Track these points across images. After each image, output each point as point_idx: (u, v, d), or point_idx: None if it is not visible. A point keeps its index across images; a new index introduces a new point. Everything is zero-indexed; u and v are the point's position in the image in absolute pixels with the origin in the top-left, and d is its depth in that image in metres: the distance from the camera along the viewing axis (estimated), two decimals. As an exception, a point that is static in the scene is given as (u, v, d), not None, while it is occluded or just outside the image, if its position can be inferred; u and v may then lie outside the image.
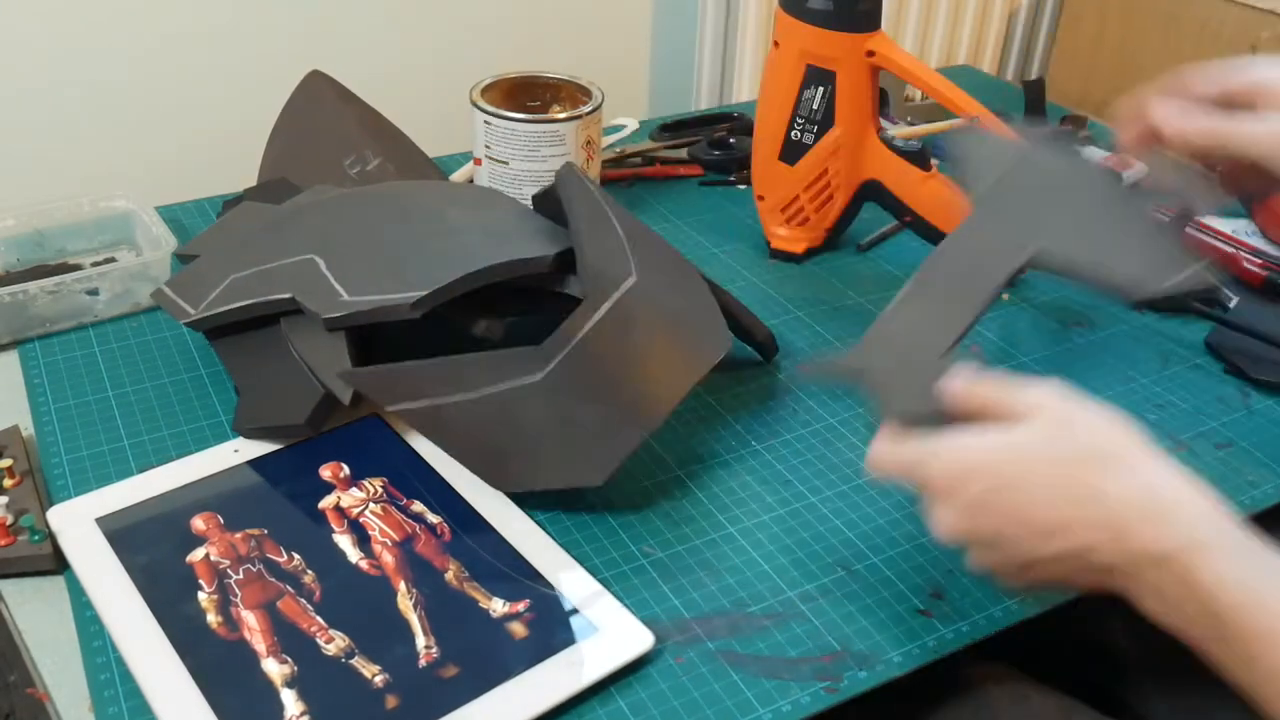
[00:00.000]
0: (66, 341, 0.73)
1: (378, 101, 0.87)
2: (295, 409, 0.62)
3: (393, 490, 0.61)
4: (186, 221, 0.87)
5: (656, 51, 1.41)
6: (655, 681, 0.52)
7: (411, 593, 0.54)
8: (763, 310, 0.80)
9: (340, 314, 0.62)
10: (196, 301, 0.67)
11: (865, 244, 0.89)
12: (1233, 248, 0.87)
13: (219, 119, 1.16)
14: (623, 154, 1.00)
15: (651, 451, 0.66)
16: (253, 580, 0.55)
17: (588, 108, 0.84)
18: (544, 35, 1.33)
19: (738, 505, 0.62)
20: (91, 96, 1.11)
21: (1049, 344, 0.78)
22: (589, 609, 0.54)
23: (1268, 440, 0.70)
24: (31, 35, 1.07)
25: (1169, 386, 0.74)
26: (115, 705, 0.49)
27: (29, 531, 0.57)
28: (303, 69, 0.87)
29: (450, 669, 0.51)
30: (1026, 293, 0.84)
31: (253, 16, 1.15)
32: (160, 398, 0.68)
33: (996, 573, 0.49)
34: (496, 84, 0.87)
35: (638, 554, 0.59)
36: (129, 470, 0.62)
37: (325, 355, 0.63)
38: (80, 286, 0.73)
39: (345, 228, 0.68)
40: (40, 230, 0.79)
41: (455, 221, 0.68)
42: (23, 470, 0.61)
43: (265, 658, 0.51)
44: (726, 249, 0.88)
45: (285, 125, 0.84)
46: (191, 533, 0.57)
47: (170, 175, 1.09)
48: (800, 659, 0.53)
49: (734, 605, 0.56)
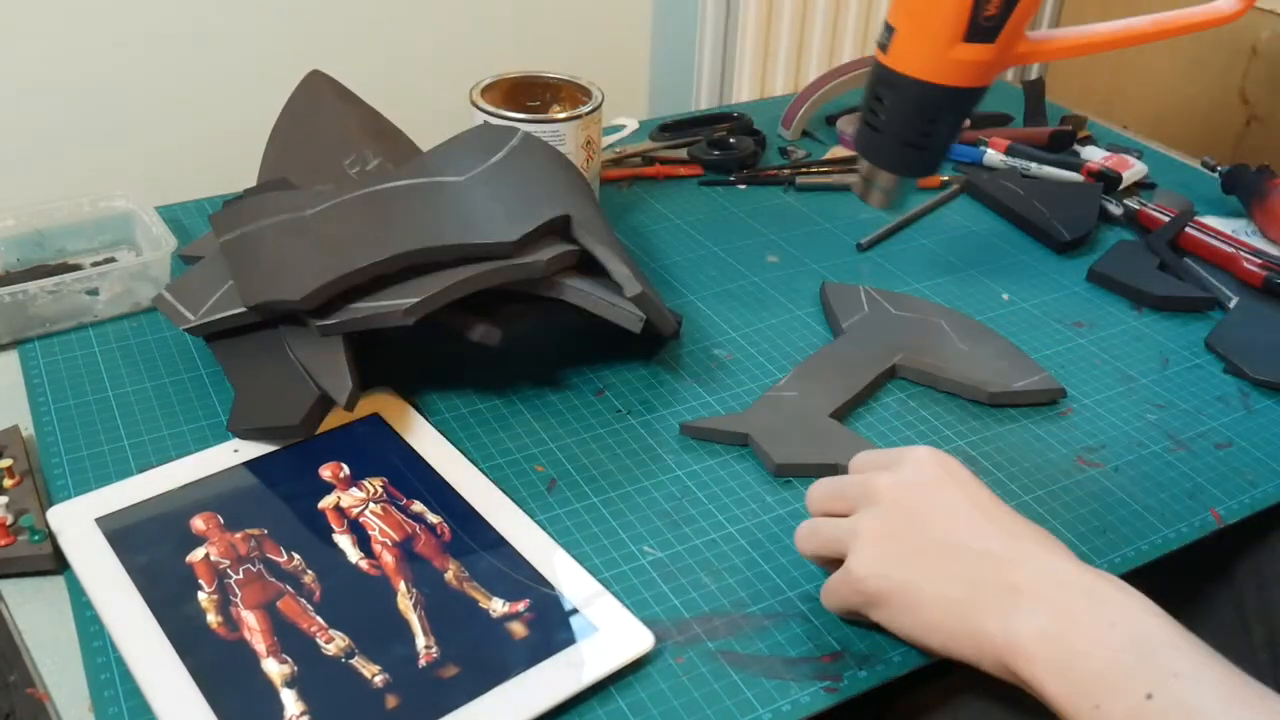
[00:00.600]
0: (66, 341, 0.73)
1: (378, 101, 0.87)
2: (290, 411, 0.62)
3: (393, 490, 0.61)
4: (186, 221, 0.87)
5: (656, 51, 1.41)
6: (655, 681, 0.52)
7: (411, 593, 0.54)
8: (763, 310, 0.80)
9: (334, 321, 0.62)
10: (196, 307, 0.67)
11: (865, 243, 0.89)
12: (1232, 248, 0.87)
13: (219, 119, 1.16)
14: (623, 154, 1.00)
15: (651, 450, 0.66)
16: (253, 580, 0.55)
17: (588, 108, 0.84)
18: (544, 35, 1.33)
19: (738, 505, 0.62)
20: (91, 96, 1.11)
21: (1049, 344, 0.78)
22: (589, 609, 0.54)
23: (1268, 440, 0.70)
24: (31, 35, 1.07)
25: (1169, 386, 0.74)
26: (115, 705, 0.49)
27: (29, 531, 0.57)
28: (303, 69, 0.87)
29: (450, 669, 0.51)
30: (1027, 293, 0.84)
31: (252, 16, 1.15)
32: (160, 398, 0.68)
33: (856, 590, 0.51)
34: (496, 84, 0.87)
35: (638, 554, 0.59)
36: (129, 470, 0.62)
37: (322, 358, 0.63)
38: (80, 286, 0.73)
39: (341, 226, 0.68)
40: (40, 230, 0.79)
41: (434, 200, 0.68)
42: (23, 470, 0.61)
43: (265, 658, 0.51)
44: (726, 249, 0.88)
45: (285, 125, 0.84)
46: (191, 533, 0.57)
47: (170, 175, 1.09)
48: (800, 659, 0.53)
49: (734, 605, 0.56)
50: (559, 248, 0.66)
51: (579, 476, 0.64)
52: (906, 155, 0.63)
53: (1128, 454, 0.68)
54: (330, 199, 0.69)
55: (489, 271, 0.64)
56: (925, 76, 0.57)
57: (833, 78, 1.07)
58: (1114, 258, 0.87)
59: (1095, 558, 0.60)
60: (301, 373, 0.63)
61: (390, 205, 0.68)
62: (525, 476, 0.64)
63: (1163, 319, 0.82)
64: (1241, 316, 0.81)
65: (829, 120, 1.10)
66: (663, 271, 0.84)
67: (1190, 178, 1.03)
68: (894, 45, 0.58)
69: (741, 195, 0.97)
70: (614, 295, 0.67)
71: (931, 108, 0.59)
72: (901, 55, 0.57)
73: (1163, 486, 0.65)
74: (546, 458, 0.65)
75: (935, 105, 0.58)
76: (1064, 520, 0.62)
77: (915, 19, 0.56)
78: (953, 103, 0.59)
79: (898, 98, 0.59)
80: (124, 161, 1.15)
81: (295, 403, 0.62)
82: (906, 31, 0.57)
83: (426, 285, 0.63)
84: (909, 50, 0.57)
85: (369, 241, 0.64)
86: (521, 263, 0.64)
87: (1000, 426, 0.69)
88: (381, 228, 0.65)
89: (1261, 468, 0.67)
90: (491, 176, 0.70)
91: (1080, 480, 0.66)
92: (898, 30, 0.57)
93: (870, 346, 0.74)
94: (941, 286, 0.85)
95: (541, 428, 0.67)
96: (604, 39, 1.37)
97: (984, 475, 0.65)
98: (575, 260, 0.67)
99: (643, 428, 0.68)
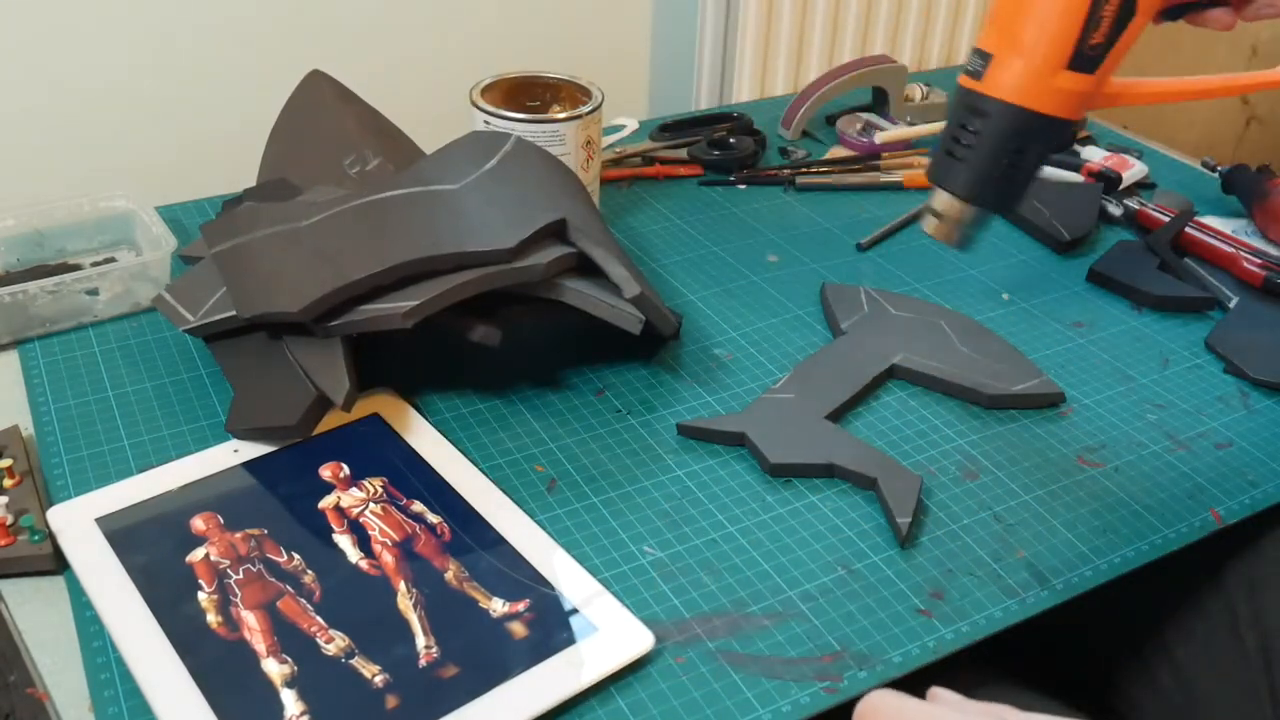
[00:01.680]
0: (66, 341, 0.73)
1: (378, 101, 0.87)
2: (287, 411, 0.62)
3: (393, 490, 0.61)
4: (186, 221, 0.87)
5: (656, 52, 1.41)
6: (655, 681, 0.52)
7: (411, 592, 0.54)
8: (764, 309, 0.80)
9: (334, 324, 0.62)
10: (195, 308, 0.67)
11: (865, 243, 0.89)
12: (1232, 248, 0.87)
13: (219, 119, 1.16)
14: (623, 154, 1.00)
15: (651, 450, 0.66)
16: (253, 580, 0.55)
17: (587, 108, 0.84)
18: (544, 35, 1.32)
19: (738, 505, 0.62)
20: (91, 96, 1.11)
21: (1049, 344, 0.78)
22: (589, 609, 0.54)
23: (1268, 440, 0.70)
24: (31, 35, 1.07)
25: (1169, 386, 0.74)
26: (115, 705, 0.49)
27: (29, 531, 0.57)
28: (303, 69, 0.87)
29: (450, 669, 0.51)
30: (1027, 293, 0.84)
31: (252, 16, 1.15)
32: (160, 398, 0.68)
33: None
34: (496, 84, 0.87)
35: (638, 554, 0.59)
36: (129, 470, 0.62)
37: (320, 359, 0.63)
38: (80, 286, 0.73)
39: (338, 238, 0.68)
40: (40, 230, 0.79)
41: (430, 206, 0.68)
42: (23, 470, 0.61)
43: (265, 658, 0.51)
44: (726, 249, 0.88)
45: (285, 125, 0.84)
46: (191, 533, 0.57)
47: (170, 175, 1.09)
48: (800, 659, 0.53)
49: (734, 605, 0.56)
50: (558, 250, 0.66)
51: (579, 476, 0.64)
52: (991, 187, 0.64)
53: (1128, 454, 0.68)
54: (324, 211, 0.69)
55: (489, 275, 0.64)
56: (1024, 103, 0.58)
57: (833, 78, 1.07)
58: (1114, 258, 0.87)
59: (1095, 558, 0.60)
60: (299, 373, 0.63)
61: (386, 215, 0.68)
62: (525, 476, 0.64)
63: (1163, 319, 0.82)
64: (1241, 316, 0.81)
65: (829, 120, 1.10)
66: (663, 271, 0.84)
67: (1190, 178, 1.03)
68: (990, 72, 0.58)
69: (741, 195, 0.97)
70: (613, 297, 0.67)
71: (1025, 136, 0.59)
72: (998, 82, 0.58)
73: (1163, 487, 0.65)
74: (546, 458, 0.65)
75: (1029, 134, 0.59)
76: (1064, 520, 0.62)
77: (1019, 45, 0.57)
78: (1046, 133, 0.60)
79: (991, 126, 0.59)
80: (124, 161, 1.14)
81: (293, 403, 0.62)
82: (1006, 58, 0.58)
83: (427, 289, 0.63)
84: (1008, 77, 0.58)
85: (366, 252, 0.64)
86: (520, 266, 0.64)
87: (1000, 426, 0.69)
88: (378, 238, 0.65)
89: (1261, 468, 0.67)
90: (486, 183, 0.70)
91: (1080, 480, 0.66)
92: (995, 56, 0.58)
93: (870, 347, 0.74)
94: (941, 286, 0.85)
95: (541, 428, 0.67)
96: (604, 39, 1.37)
97: (984, 475, 0.65)
98: (574, 262, 0.67)
99: (642, 428, 0.68)
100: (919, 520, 0.61)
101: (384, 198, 0.69)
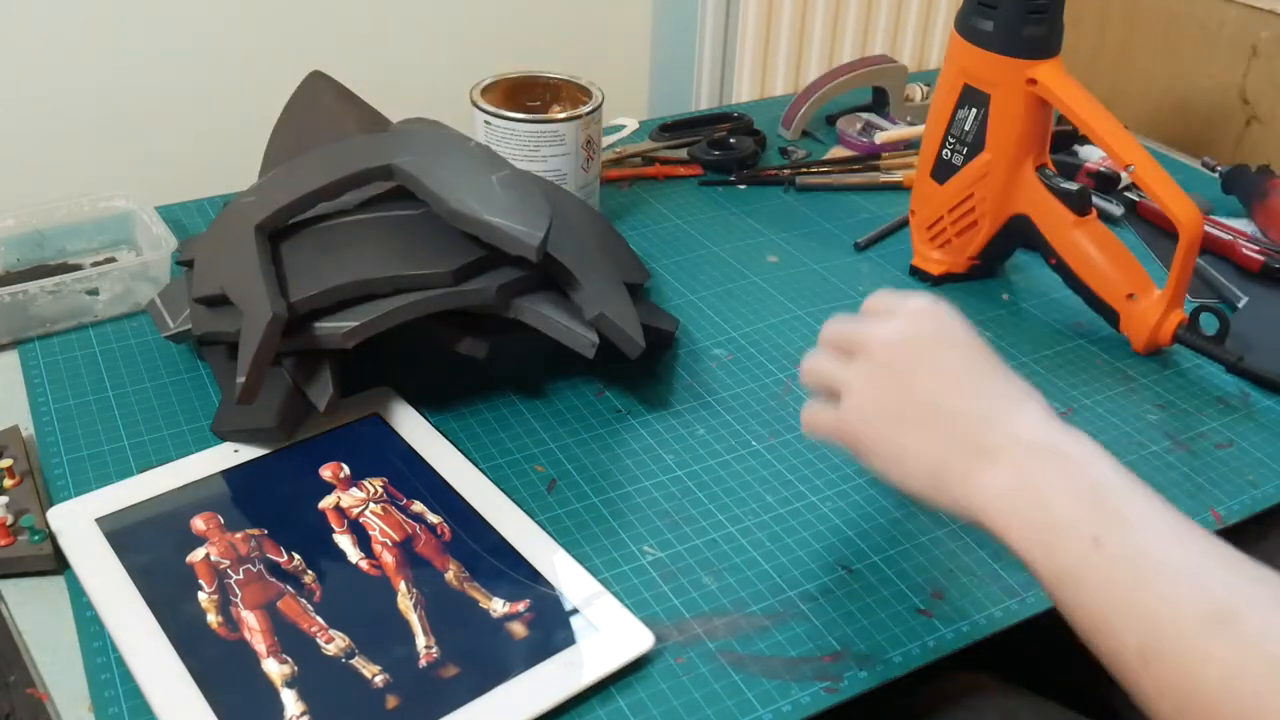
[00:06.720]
0: (66, 341, 0.73)
1: (378, 101, 0.87)
2: (267, 414, 0.62)
3: (393, 490, 0.61)
4: (186, 221, 0.87)
5: (656, 52, 1.41)
6: (655, 681, 0.52)
7: (411, 593, 0.54)
8: (764, 309, 0.80)
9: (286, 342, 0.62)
10: (177, 314, 0.68)
11: (863, 242, 0.89)
12: (1230, 235, 0.88)
13: (219, 119, 1.16)
14: (623, 154, 1.00)
15: (651, 450, 0.66)
16: (253, 580, 0.55)
17: (588, 108, 0.84)
18: (544, 35, 1.32)
19: (738, 505, 0.62)
20: (91, 97, 1.11)
21: (1049, 344, 0.78)
22: (589, 609, 0.54)
23: (1268, 440, 0.70)
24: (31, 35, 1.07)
25: (1169, 386, 0.74)
26: (115, 705, 0.49)
27: (29, 531, 0.57)
28: (303, 69, 0.87)
29: (450, 669, 0.51)
30: (1027, 293, 0.84)
31: (253, 16, 1.15)
32: (160, 398, 0.68)
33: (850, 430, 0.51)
34: (496, 84, 0.87)
35: (638, 554, 0.59)
36: (129, 470, 0.62)
37: (306, 364, 0.63)
38: (80, 286, 0.73)
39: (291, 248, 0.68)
40: (40, 230, 0.79)
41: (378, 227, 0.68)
42: (23, 470, 0.61)
43: (265, 658, 0.51)
44: (726, 249, 0.88)
45: (285, 125, 0.84)
46: (191, 533, 0.57)
47: (170, 175, 1.09)
48: (800, 659, 0.53)
49: (734, 605, 0.56)
50: (511, 273, 0.65)
51: (579, 476, 0.64)
52: (1027, 32, 0.74)
53: (1128, 454, 0.68)
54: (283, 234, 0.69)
55: (435, 297, 0.63)
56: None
57: (833, 78, 1.07)
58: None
59: (1095, 558, 0.60)
60: (284, 377, 0.63)
61: (335, 236, 0.67)
62: (525, 476, 0.64)
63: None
64: (1250, 315, 0.81)
65: (829, 120, 1.10)
66: (663, 271, 0.84)
67: (1190, 178, 1.03)
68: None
69: (741, 195, 0.97)
70: (570, 318, 0.66)
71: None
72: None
73: (1163, 487, 0.65)
74: (546, 458, 0.65)
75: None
76: (1064, 520, 0.62)
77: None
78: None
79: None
80: (124, 161, 1.14)
81: (274, 406, 0.62)
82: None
83: (370, 310, 0.62)
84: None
85: (308, 273, 0.64)
86: (468, 290, 0.64)
87: (1000, 426, 0.69)
88: (329, 256, 0.65)
89: (1262, 468, 0.67)
90: (466, 198, 0.68)
91: (1080, 480, 0.65)
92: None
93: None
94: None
95: (541, 428, 0.67)
96: (604, 39, 1.37)
97: (984, 475, 0.65)
98: (535, 284, 0.66)
99: (643, 428, 0.68)
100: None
101: (341, 222, 0.69)
